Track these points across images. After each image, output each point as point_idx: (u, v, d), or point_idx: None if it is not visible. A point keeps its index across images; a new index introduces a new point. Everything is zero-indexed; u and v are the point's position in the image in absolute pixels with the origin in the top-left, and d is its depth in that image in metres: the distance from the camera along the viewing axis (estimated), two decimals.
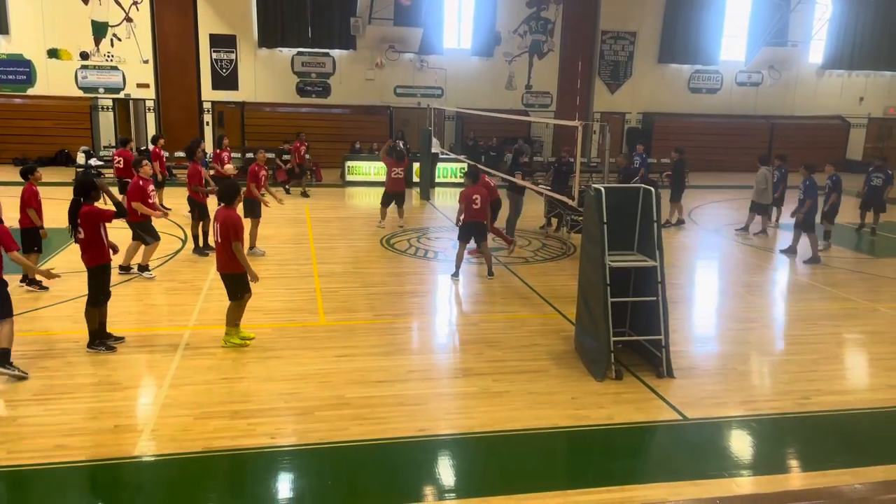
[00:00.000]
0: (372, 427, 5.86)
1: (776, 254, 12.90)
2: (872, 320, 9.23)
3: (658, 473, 5.38)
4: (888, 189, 14.75)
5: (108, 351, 7.27)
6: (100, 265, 7.23)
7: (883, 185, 14.71)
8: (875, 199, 14.86)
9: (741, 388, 6.92)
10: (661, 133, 25.40)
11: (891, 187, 14.78)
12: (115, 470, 5.20)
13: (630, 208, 7.21)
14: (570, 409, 6.30)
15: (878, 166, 14.98)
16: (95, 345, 7.28)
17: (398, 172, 14.06)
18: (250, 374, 6.85)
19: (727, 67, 26.90)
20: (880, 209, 14.88)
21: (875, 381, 7.32)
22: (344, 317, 8.71)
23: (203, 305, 8.93)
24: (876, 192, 14.82)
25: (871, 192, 14.93)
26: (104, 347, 7.29)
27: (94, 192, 7.28)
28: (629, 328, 7.53)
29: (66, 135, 22.09)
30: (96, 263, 7.21)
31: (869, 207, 15.01)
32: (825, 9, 26.55)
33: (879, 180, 14.75)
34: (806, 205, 12.06)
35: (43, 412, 5.93)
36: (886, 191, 14.77)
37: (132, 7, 22.53)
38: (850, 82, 27.91)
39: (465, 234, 10.43)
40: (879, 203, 14.82)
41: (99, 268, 7.23)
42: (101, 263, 7.23)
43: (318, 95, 24.39)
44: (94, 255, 7.19)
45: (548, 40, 25.47)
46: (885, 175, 14.72)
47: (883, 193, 14.76)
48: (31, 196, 9.16)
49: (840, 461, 5.54)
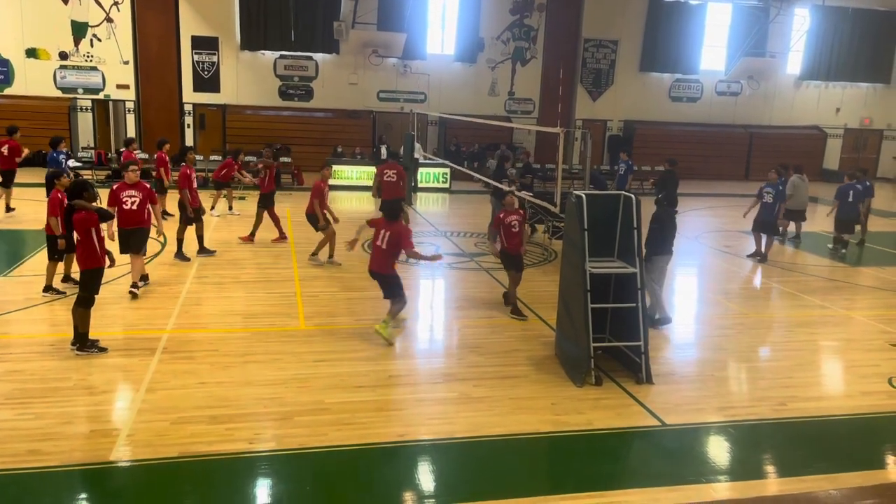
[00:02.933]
0: (351, 432, 5.83)
1: (754, 262, 13.02)
2: (848, 328, 9.36)
3: (637, 479, 5.40)
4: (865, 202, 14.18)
5: (100, 352, 7.21)
6: (91, 269, 7.21)
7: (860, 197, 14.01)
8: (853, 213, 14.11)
9: (719, 394, 6.98)
10: (642, 141, 25.61)
11: (870, 199, 14.30)
12: (90, 476, 5.13)
13: (611, 215, 7.26)
14: (550, 415, 6.32)
15: (859, 178, 14.24)
16: (87, 347, 7.21)
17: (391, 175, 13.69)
18: (229, 379, 6.79)
19: (707, 77, 27.23)
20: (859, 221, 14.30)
21: (851, 388, 7.42)
22: (324, 321, 8.67)
23: (181, 309, 8.83)
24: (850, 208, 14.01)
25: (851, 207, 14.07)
26: (96, 349, 7.23)
27: (86, 192, 7.34)
28: (609, 334, 7.57)
29: (43, 135, 21.64)
30: (87, 267, 7.20)
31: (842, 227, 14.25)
32: (803, 20, 26.99)
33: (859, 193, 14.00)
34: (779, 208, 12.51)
35: (16, 416, 5.83)
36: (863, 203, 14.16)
37: (113, 7, 22.34)
38: (827, 93, 28.36)
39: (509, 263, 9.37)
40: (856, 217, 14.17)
41: (90, 271, 7.22)
42: (92, 267, 7.21)
43: (301, 99, 24.31)
44: (86, 258, 7.18)
45: (531, 47, 25.62)
46: (862, 186, 14.08)
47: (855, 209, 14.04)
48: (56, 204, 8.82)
49: (816, 467, 5.61)
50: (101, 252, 7.26)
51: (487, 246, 12.23)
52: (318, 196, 11.31)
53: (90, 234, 7.16)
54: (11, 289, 9.42)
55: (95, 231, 7.19)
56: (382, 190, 12.90)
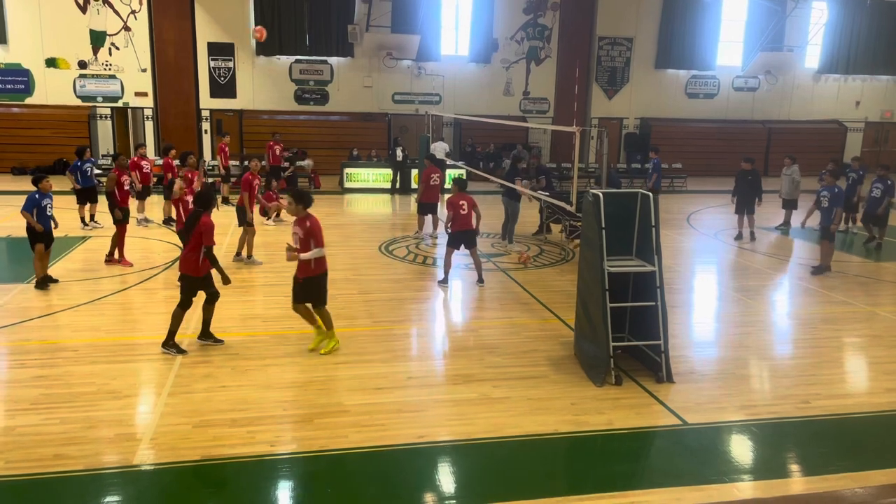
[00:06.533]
0: (371, 434, 5.85)
1: (774, 258, 12.89)
2: (871, 324, 9.23)
3: (658, 479, 5.36)
4: (888, 201, 13.56)
5: (179, 353, 7.39)
6: (186, 275, 7.42)
7: (882, 195, 13.56)
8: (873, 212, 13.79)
9: (741, 392, 6.91)
10: (659, 138, 25.47)
11: (890, 199, 13.61)
12: (114, 479, 5.18)
13: (628, 213, 7.21)
14: (570, 415, 6.29)
15: (881, 175, 13.76)
16: (169, 345, 7.44)
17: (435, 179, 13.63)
18: (249, 382, 6.83)
19: (724, 73, 27.01)
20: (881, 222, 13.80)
21: (875, 385, 7.32)
22: (343, 324, 8.69)
23: (200, 314, 8.89)
24: (874, 204, 13.70)
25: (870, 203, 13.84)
26: (175, 350, 7.42)
27: (214, 203, 7.69)
28: (628, 333, 7.52)
29: (64, 143, 22.07)
30: (186, 273, 7.41)
31: (868, 220, 14.06)
32: (821, 14, 26.69)
33: (879, 191, 13.61)
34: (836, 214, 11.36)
35: (41, 421, 5.91)
36: (886, 202, 13.57)
37: (130, 16, 22.62)
38: (846, 87, 28.02)
39: (454, 241, 10.45)
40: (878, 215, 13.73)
41: (188, 277, 7.42)
42: (188, 273, 7.41)
43: (316, 103, 24.45)
44: (188, 263, 7.38)
45: (545, 47, 25.56)
46: (884, 185, 13.56)
47: (880, 205, 13.60)
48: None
49: (841, 465, 5.54)
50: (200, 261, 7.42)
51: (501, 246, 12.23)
52: (248, 189, 11.35)
53: (200, 243, 7.33)
54: (34, 295, 9.56)
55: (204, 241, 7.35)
56: (423, 193, 13.55)
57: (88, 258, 11.60)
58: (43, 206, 9.68)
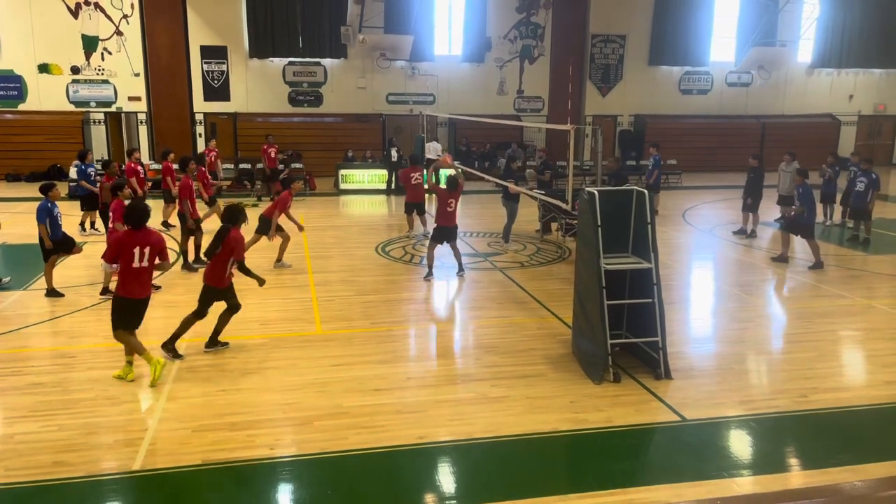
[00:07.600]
0: (371, 436, 5.85)
1: (771, 253, 12.92)
2: (868, 317, 9.25)
3: (658, 475, 5.37)
4: (872, 194, 13.56)
5: (176, 358, 7.42)
6: (212, 286, 7.51)
7: (866, 189, 13.52)
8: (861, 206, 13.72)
9: (739, 387, 6.93)
10: (653, 135, 25.50)
11: (875, 192, 13.62)
12: (114, 485, 5.17)
13: (624, 211, 7.23)
14: (569, 413, 6.30)
15: (864, 169, 13.81)
16: (168, 348, 7.49)
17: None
18: (248, 386, 6.83)
19: (717, 68, 27.07)
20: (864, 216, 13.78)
21: (872, 378, 7.34)
22: (341, 325, 8.70)
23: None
24: (860, 198, 13.66)
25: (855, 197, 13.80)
26: (172, 354, 7.46)
27: (243, 219, 7.82)
28: (626, 330, 7.54)
29: (58, 149, 22.07)
30: (210, 284, 7.51)
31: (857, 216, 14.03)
32: (813, 8, 26.76)
33: (863, 185, 13.57)
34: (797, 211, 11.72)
35: (39, 428, 5.90)
36: (870, 196, 13.55)
37: (122, 20, 22.57)
38: (839, 80, 28.11)
39: (438, 236, 10.76)
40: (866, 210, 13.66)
41: (211, 288, 7.51)
42: (211, 285, 7.51)
43: (311, 105, 24.43)
44: (214, 274, 7.49)
45: (538, 45, 25.58)
46: (868, 179, 13.57)
47: (865, 199, 13.55)
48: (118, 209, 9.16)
49: (840, 459, 5.55)
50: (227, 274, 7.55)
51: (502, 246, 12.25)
52: (282, 207, 11.31)
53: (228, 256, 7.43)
54: (32, 302, 9.53)
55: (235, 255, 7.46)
56: (408, 193, 13.93)
57: (86, 264, 11.57)
58: (55, 216, 9.66)
